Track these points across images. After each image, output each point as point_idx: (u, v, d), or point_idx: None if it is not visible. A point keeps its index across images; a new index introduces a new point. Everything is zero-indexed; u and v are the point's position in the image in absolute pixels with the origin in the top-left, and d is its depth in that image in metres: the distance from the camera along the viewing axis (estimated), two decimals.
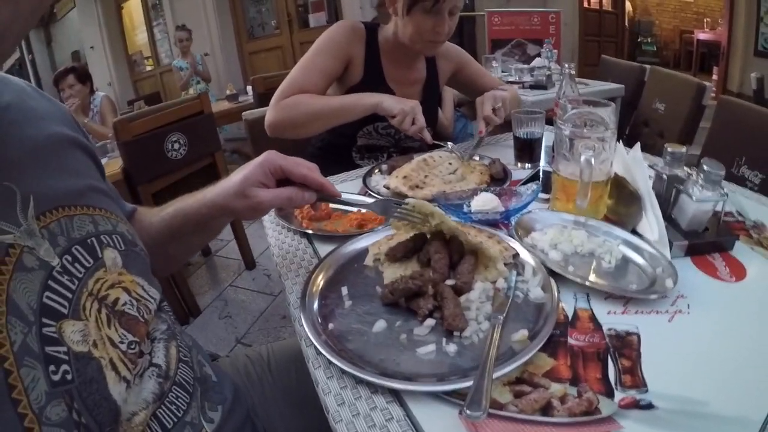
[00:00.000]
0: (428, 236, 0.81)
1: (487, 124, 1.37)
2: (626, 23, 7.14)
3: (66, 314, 0.47)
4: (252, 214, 0.78)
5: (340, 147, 1.59)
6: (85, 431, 0.44)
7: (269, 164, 0.76)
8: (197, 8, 7.36)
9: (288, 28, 6.65)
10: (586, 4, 6.15)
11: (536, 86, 2.91)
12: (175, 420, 0.55)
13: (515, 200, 1.00)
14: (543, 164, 1.27)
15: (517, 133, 1.29)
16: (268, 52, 6.91)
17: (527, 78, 3.03)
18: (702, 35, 6.97)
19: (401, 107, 1.30)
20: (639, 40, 7.65)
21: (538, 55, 3.36)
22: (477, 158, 1.32)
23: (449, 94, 2.49)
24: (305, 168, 0.77)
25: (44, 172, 0.54)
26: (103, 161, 0.59)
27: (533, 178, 1.17)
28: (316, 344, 0.63)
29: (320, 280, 0.79)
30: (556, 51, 3.34)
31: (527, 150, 1.29)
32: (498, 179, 1.18)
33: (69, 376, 0.44)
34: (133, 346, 0.52)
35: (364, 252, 0.86)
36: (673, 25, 7.58)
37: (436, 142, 1.38)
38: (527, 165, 1.29)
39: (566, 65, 1.27)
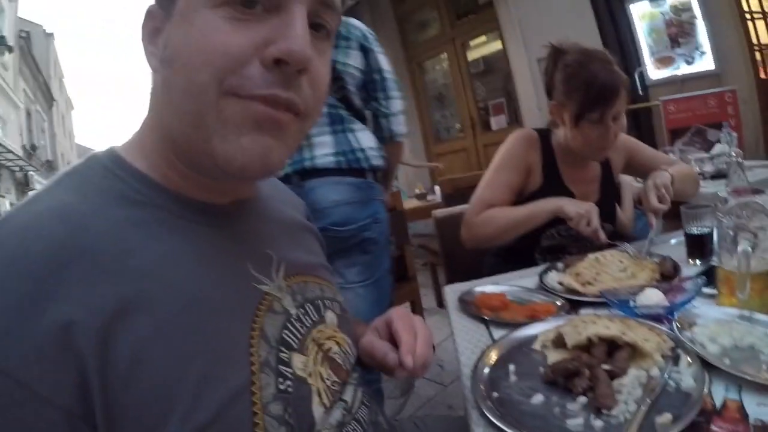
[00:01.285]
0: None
1: (655, 215, 1.41)
2: None
3: (296, 348, 0.63)
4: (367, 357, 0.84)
5: (524, 249, 1.70)
6: (290, 429, 0.58)
7: (386, 316, 0.86)
8: None
9: (471, 131, 7.03)
10: (762, 75, 5.47)
11: (717, 176, 2.66)
12: None
13: (680, 296, 1.05)
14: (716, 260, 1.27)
15: (687, 229, 1.31)
16: (453, 154, 7.25)
17: (708, 168, 2.81)
18: None
19: (577, 210, 1.43)
20: None
21: (719, 140, 3.11)
22: (650, 256, 1.36)
23: (628, 193, 2.48)
24: (403, 324, 0.81)
25: (291, 247, 0.75)
26: None
27: (704, 274, 1.18)
28: (481, 406, 0.77)
29: (492, 356, 0.93)
30: (735, 134, 3.05)
31: (698, 246, 1.29)
32: (668, 277, 1.21)
33: (290, 389, 0.59)
34: (335, 385, 0.68)
35: (534, 338, 0.98)
36: None
37: (610, 242, 1.47)
38: (698, 261, 1.29)
39: (732, 152, 1.27)
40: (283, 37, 0.51)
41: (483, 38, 6.68)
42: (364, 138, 1.84)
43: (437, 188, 3.98)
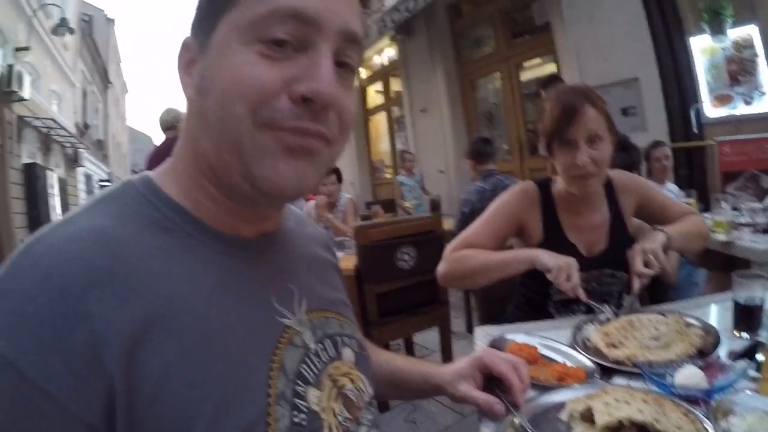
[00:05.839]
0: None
1: (639, 278, 1.37)
2: None
3: (312, 383, 0.65)
4: (459, 401, 0.97)
5: (538, 303, 1.65)
6: None
7: (477, 361, 0.97)
8: (435, 127, 8.18)
9: (519, 153, 6.95)
10: None
11: None
12: None
13: (722, 376, 0.99)
14: (766, 335, 1.19)
15: (737, 298, 1.23)
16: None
17: (761, 219, 2.57)
18: None
19: (556, 262, 1.36)
20: None
21: None
22: (693, 321, 1.28)
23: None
24: (506, 366, 0.95)
25: (313, 282, 0.77)
26: (339, 254, 0.86)
27: (750, 350, 1.12)
28: None
29: (517, 422, 0.89)
30: None
31: (746, 317, 1.21)
32: (705, 353, 1.13)
33: (304, 423, 0.61)
34: (346, 422, 0.69)
35: (562, 405, 0.94)
36: None
37: (590, 302, 1.41)
38: (744, 334, 1.21)
39: None
40: (310, 77, 0.55)
41: (537, 60, 6.62)
42: None
43: None
